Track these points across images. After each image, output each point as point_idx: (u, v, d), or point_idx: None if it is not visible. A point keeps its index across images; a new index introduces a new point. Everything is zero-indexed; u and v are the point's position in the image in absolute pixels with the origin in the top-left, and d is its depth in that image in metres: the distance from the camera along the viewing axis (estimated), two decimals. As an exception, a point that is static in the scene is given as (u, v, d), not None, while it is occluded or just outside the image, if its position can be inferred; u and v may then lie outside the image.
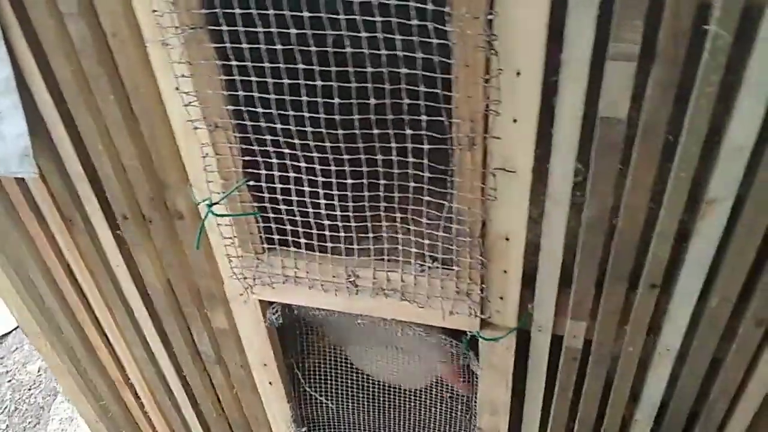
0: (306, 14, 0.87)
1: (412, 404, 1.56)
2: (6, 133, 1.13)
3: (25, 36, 1.04)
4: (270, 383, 1.52)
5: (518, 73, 0.87)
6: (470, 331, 1.22)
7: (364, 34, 0.88)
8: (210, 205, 1.11)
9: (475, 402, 1.47)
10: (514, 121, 0.92)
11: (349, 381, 1.55)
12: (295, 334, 1.48)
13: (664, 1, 0.79)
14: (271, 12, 0.89)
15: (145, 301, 1.45)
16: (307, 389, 1.53)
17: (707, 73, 0.82)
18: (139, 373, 1.68)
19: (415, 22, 0.84)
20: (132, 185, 1.22)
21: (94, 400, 1.81)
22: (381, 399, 1.56)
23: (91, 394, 1.79)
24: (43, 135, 1.17)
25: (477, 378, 1.37)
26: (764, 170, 0.90)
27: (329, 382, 1.55)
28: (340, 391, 1.56)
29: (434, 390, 1.53)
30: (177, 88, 1.01)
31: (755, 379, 1.18)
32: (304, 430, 1.64)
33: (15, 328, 2.87)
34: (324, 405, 1.60)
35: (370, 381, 1.54)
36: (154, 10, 0.93)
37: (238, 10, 0.90)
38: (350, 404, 1.58)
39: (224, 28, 0.93)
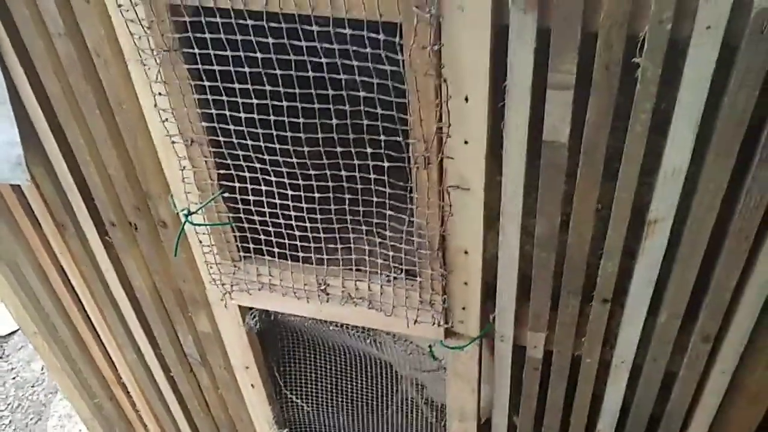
0: (271, 40, 0.94)
1: (389, 409, 1.62)
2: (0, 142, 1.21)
3: (17, 53, 1.12)
4: (252, 386, 1.58)
5: (466, 99, 0.93)
6: (435, 340, 1.28)
7: (324, 60, 0.94)
8: (187, 215, 1.18)
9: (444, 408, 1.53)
10: (466, 142, 0.98)
11: (329, 386, 1.61)
12: (276, 339, 1.54)
13: (596, 34, 0.84)
14: (239, 37, 0.96)
15: (133, 303, 1.52)
16: (286, 393, 1.59)
17: (640, 101, 0.88)
18: (130, 372, 1.75)
19: (368, 50, 0.91)
20: (118, 194, 1.29)
21: (89, 398, 1.88)
22: (358, 403, 1.61)
23: (85, 392, 1.87)
24: (36, 145, 1.25)
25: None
26: (700, 192, 0.95)
27: (309, 386, 1.61)
28: (319, 395, 1.62)
29: (410, 396, 1.58)
30: (155, 105, 1.08)
31: (707, 391, 1.23)
32: (286, 431, 1.70)
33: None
34: (304, 408, 1.66)
35: (349, 386, 1.60)
36: (132, 33, 1.00)
37: (209, 35, 0.97)
38: (329, 408, 1.64)
39: (197, 51, 0.99)
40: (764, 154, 0.88)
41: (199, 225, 1.20)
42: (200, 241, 1.26)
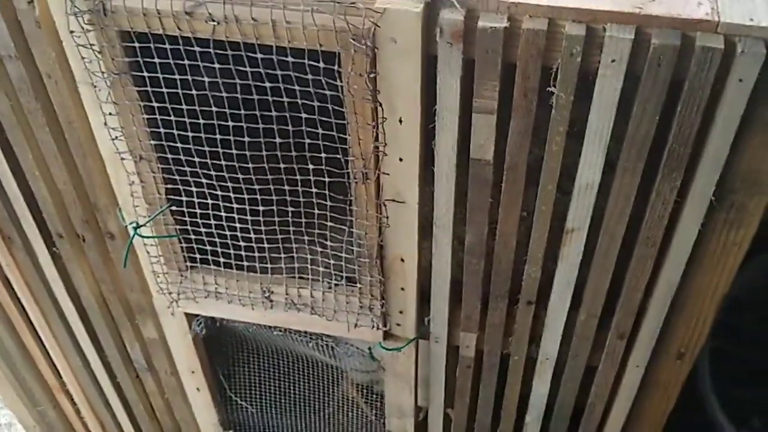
0: (216, 65, 1.00)
1: (330, 409, 1.70)
2: (-52, 159, 1.24)
3: (-34, 74, 1.15)
4: (198, 389, 1.64)
5: (400, 121, 1.02)
6: (374, 343, 1.36)
7: (268, 84, 1.01)
8: (136, 228, 1.23)
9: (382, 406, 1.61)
10: (400, 159, 1.06)
11: (272, 387, 1.67)
12: (221, 343, 1.60)
13: (515, 65, 0.94)
14: (186, 62, 1.02)
15: (80, 312, 1.55)
16: (231, 395, 1.65)
17: (555, 125, 0.97)
18: (75, 380, 1.78)
19: (310, 76, 0.98)
20: (66, 207, 1.33)
21: (32, 406, 1.90)
22: (301, 404, 1.68)
23: (28, 400, 1.88)
24: (-18, 160, 1.28)
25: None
26: (611, 204, 1.06)
27: (253, 388, 1.67)
28: (262, 397, 1.69)
29: (348, 397, 1.66)
30: (105, 124, 1.13)
31: (624, 384, 1.35)
32: (230, 432, 1.76)
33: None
34: (249, 410, 1.72)
35: (291, 387, 1.67)
36: (83, 57, 1.05)
37: (157, 60, 1.03)
38: (272, 409, 1.70)
39: (145, 74, 1.05)
40: (665, 171, 0.99)
41: (148, 237, 1.25)
42: (148, 252, 1.31)
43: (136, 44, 1.02)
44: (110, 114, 1.11)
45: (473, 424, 1.54)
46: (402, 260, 1.21)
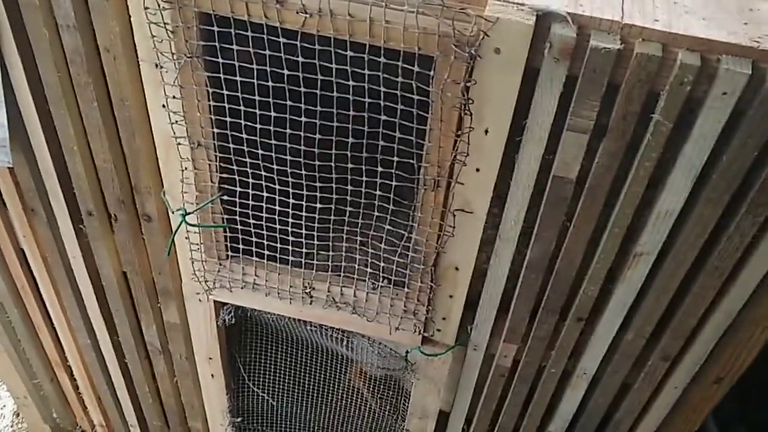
0: (300, 59, 0.95)
1: (344, 402, 1.67)
2: (-17, 123, 1.16)
3: (16, 40, 1.08)
4: (212, 375, 1.59)
5: (486, 131, 0.98)
6: (412, 347, 1.33)
7: (351, 83, 0.96)
8: (184, 215, 1.18)
9: (403, 404, 1.59)
10: (477, 170, 1.03)
11: (287, 377, 1.64)
12: (240, 330, 1.56)
13: (619, 87, 0.91)
14: (267, 52, 0.96)
15: (97, 291, 1.50)
16: (249, 383, 1.61)
17: (647, 150, 0.95)
18: (78, 356, 1.72)
19: (400, 79, 0.94)
20: (102, 185, 1.26)
21: (28, 378, 1.84)
22: (315, 395, 1.65)
23: (25, 372, 1.82)
24: (17, 127, 1.20)
25: (406, 385, 1.49)
26: (686, 232, 1.04)
27: (268, 376, 1.63)
28: (277, 386, 1.65)
29: (364, 391, 1.64)
30: (164, 106, 1.07)
31: (657, 404, 1.35)
32: (239, 420, 1.72)
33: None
34: (260, 397, 1.69)
35: (307, 378, 1.64)
36: (154, 36, 0.98)
37: (235, 47, 0.97)
38: (286, 399, 1.67)
39: (219, 60, 0.99)
40: (751, 206, 0.98)
41: (195, 226, 1.20)
42: (188, 239, 1.25)
43: (215, 28, 0.96)
44: (173, 97, 1.05)
45: (493, 428, 1.53)
46: (456, 269, 1.18)
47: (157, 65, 1.03)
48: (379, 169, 1.06)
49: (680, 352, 1.24)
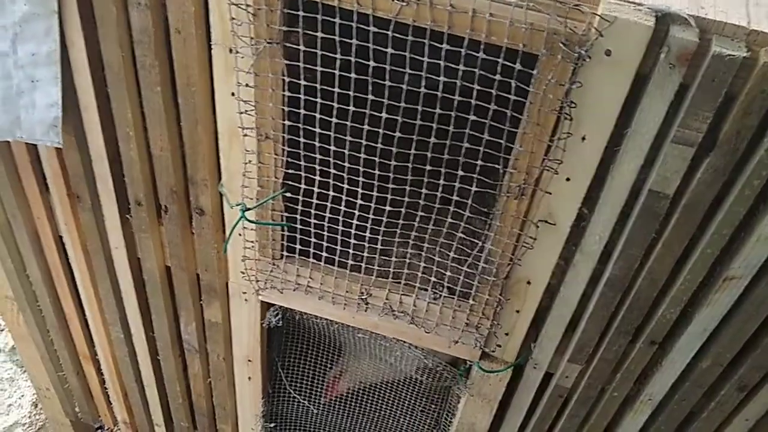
0: (390, 50, 0.89)
1: (382, 414, 1.60)
2: (38, 102, 1.10)
3: (81, 17, 1.02)
4: (249, 378, 1.53)
5: (583, 138, 0.91)
6: (470, 361, 1.26)
7: (443, 79, 0.90)
8: (244, 210, 1.11)
9: (445, 419, 1.52)
10: (567, 179, 0.96)
11: (325, 384, 1.57)
12: (282, 333, 1.49)
13: (734, 98, 0.84)
14: (354, 42, 0.90)
15: (137, 284, 1.43)
16: (289, 389, 1.55)
17: (759, 168, 0.88)
18: (109, 349, 1.65)
19: (498, 77, 0.87)
20: (155, 174, 1.20)
21: (54, 370, 1.77)
22: (353, 405, 1.59)
23: (51, 364, 1.76)
24: (70, 109, 1.14)
25: (455, 399, 1.42)
26: (785, 258, 0.97)
27: (306, 382, 1.57)
28: (314, 392, 1.59)
29: (405, 403, 1.57)
30: (234, 94, 1.01)
31: (725, 434, 1.28)
32: (272, 425, 1.65)
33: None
34: (295, 404, 1.62)
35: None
36: (233, 18, 0.92)
37: (320, 34, 0.90)
38: (322, 406, 1.61)
39: (302, 47, 0.93)
40: None
41: (255, 222, 1.14)
42: (241, 235, 1.19)
43: (300, 13, 0.90)
44: (247, 85, 0.98)
45: (541, 451, 1.46)
46: (529, 283, 1.11)
47: (231, 50, 0.96)
48: (460, 172, 1.00)
49: (758, 383, 1.17)
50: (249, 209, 1.12)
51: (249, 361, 1.48)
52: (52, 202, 1.36)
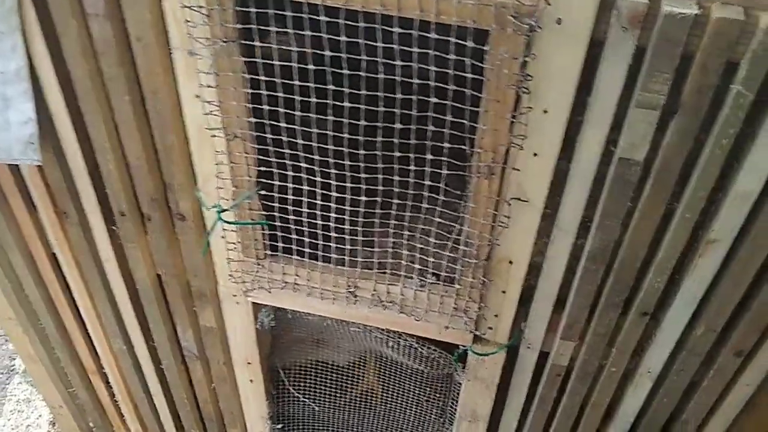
0: (343, 38, 0.89)
1: (388, 407, 1.60)
2: (12, 120, 1.11)
3: (43, 31, 1.02)
4: (251, 381, 1.53)
5: (545, 111, 0.90)
6: (463, 346, 1.26)
7: (399, 63, 0.89)
8: (220, 212, 1.12)
9: (450, 407, 1.52)
10: (535, 155, 0.95)
11: (328, 381, 1.57)
12: (281, 334, 1.49)
13: (692, 57, 0.83)
14: (307, 33, 0.90)
15: (131, 294, 1.44)
16: (291, 389, 1.55)
17: (725, 126, 0.87)
18: (114, 362, 1.67)
19: (452, 56, 0.86)
20: (134, 184, 1.21)
21: (63, 387, 1.79)
22: (357, 400, 1.59)
23: (60, 381, 1.77)
24: (45, 126, 1.15)
25: (457, 386, 1.41)
26: (765, 215, 0.95)
27: (309, 381, 1.57)
28: (318, 391, 1.59)
29: (410, 394, 1.56)
30: (198, 96, 1.01)
31: (727, 403, 1.26)
32: (279, 426, 1.65)
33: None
34: (302, 404, 1.62)
35: (349, 383, 1.57)
36: (187, 20, 0.92)
37: (273, 28, 0.91)
38: (328, 404, 1.61)
39: (257, 43, 0.93)
40: (840, 184, 0.89)
41: (233, 223, 1.14)
42: (224, 238, 1.19)
43: (252, 9, 0.90)
44: (208, 86, 0.99)
45: (548, 431, 1.45)
46: (510, 262, 1.10)
47: (191, 52, 0.97)
48: (429, 156, 0.99)
49: (754, 347, 1.15)
50: (225, 210, 1.12)
51: (248, 363, 1.48)
52: (41, 221, 1.37)
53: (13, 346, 1.76)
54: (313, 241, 1.16)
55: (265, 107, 0.99)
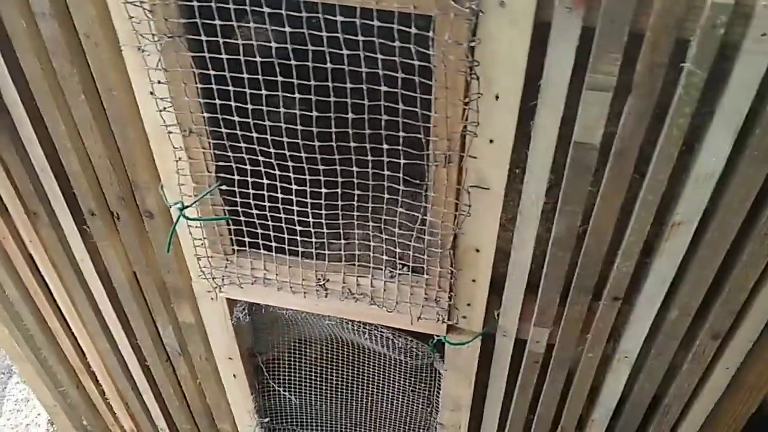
0: (288, 29, 0.87)
1: (374, 398, 1.59)
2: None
3: (-6, 32, 1.02)
4: (234, 376, 1.53)
5: (497, 97, 0.88)
6: (437, 336, 1.24)
7: (345, 52, 0.88)
8: (182, 209, 1.11)
9: (436, 397, 1.51)
10: (491, 141, 0.93)
11: (313, 375, 1.56)
12: (260, 328, 1.49)
13: (642, 36, 0.80)
14: (252, 25, 0.88)
15: (110, 293, 1.44)
16: (271, 382, 1.54)
17: (680, 105, 0.84)
18: (101, 362, 1.67)
19: (397, 44, 0.84)
20: (100, 183, 1.20)
21: (53, 386, 1.80)
22: (344, 392, 1.58)
23: (50, 380, 1.78)
24: (8, 128, 1.14)
25: (440, 376, 1.40)
26: (729, 195, 0.93)
27: (293, 375, 1.57)
28: (303, 385, 1.58)
29: (395, 385, 1.55)
30: (152, 93, 1.00)
31: (708, 386, 1.24)
32: (266, 420, 1.65)
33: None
34: (286, 398, 1.62)
35: (334, 375, 1.56)
36: (131, 17, 0.91)
37: (218, 21, 0.89)
38: (313, 396, 1.60)
39: (203, 38, 0.91)
40: (801, 161, 0.87)
41: (195, 219, 1.13)
42: (191, 234, 1.18)
43: (195, 3, 0.88)
44: (159, 82, 0.97)
45: (532, 418, 1.44)
46: (477, 251, 1.09)
47: (139, 49, 0.95)
48: (385, 146, 0.98)
49: (731, 329, 1.13)
50: (187, 207, 1.11)
51: (230, 358, 1.48)
52: (15, 222, 1.37)
53: (2, 347, 1.77)
54: (279, 234, 1.15)
55: (217, 101, 0.97)
